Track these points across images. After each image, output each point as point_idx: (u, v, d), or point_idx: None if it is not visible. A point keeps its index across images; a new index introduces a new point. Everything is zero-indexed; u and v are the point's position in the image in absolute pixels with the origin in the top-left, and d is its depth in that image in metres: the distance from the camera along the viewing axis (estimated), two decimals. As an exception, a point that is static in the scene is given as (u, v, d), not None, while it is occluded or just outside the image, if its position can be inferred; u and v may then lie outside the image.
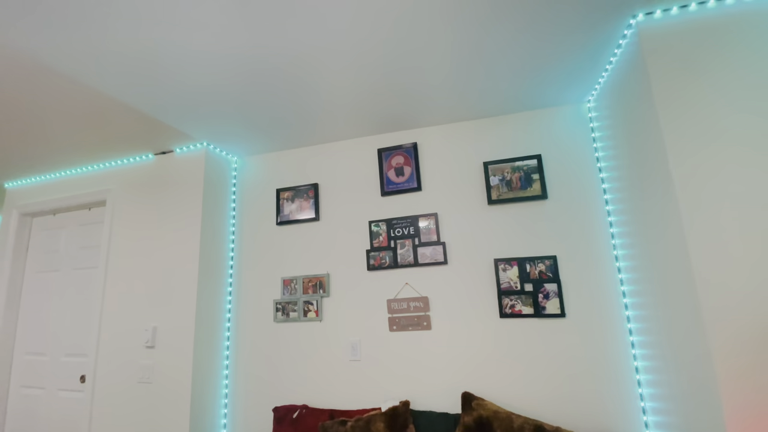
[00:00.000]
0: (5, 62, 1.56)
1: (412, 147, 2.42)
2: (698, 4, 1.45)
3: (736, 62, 1.39)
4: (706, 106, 1.39)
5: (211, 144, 2.53)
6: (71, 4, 1.30)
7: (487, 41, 1.61)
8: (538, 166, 2.16)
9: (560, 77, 1.91)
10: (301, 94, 1.96)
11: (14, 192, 3.09)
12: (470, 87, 1.97)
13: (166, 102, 1.96)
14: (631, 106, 1.66)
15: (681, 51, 1.45)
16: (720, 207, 1.33)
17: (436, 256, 2.22)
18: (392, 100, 2.07)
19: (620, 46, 1.67)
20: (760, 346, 1.23)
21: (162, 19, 1.39)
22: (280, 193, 2.63)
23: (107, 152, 2.57)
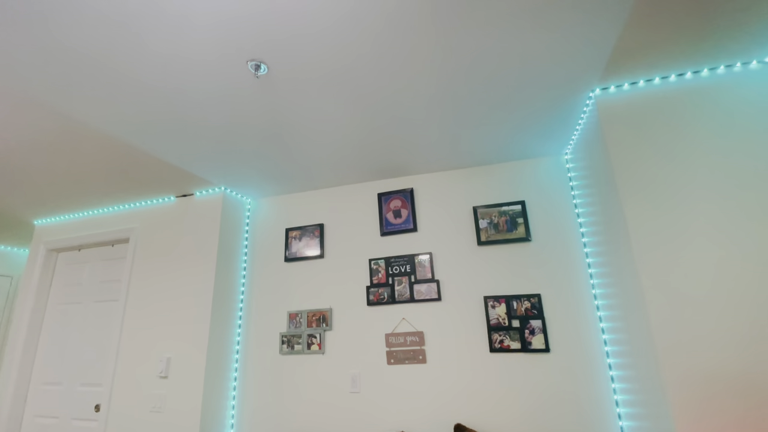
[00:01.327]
0: (44, 117, 1.79)
1: (408, 192, 2.67)
2: (645, 81, 1.73)
3: (682, 130, 1.64)
4: (657, 169, 1.63)
5: (229, 188, 2.80)
6: (101, 68, 1.60)
7: (474, 109, 1.89)
8: (522, 211, 2.39)
9: (538, 134, 2.18)
10: (309, 147, 2.24)
11: (42, 229, 3.35)
12: (459, 142, 2.24)
13: (192, 155, 2.24)
14: (596, 162, 1.90)
15: (632, 119, 1.71)
16: (670, 260, 1.53)
17: (431, 292, 2.40)
18: (390, 152, 2.34)
19: (585, 111, 1.95)
20: (707, 381, 1.39)
21: (188, 90, 1.69)
22: (289, 232, 2.86)
23: (133, 194, 2.85)
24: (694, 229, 1.53)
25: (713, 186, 1.55)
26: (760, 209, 1.48)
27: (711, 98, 1.64)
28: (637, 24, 1.40)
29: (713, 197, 1.54)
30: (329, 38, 1.40)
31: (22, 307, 3.07)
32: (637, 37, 1.47)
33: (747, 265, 1.46)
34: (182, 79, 1.57)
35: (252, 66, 1.48)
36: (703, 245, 1.51)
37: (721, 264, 1.48)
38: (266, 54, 1.45)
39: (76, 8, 1.22)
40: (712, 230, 1.51)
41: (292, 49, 1.44)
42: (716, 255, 1.49)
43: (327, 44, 1.42)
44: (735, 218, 1.50)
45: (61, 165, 2.33)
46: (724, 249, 1.49)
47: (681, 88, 1.68)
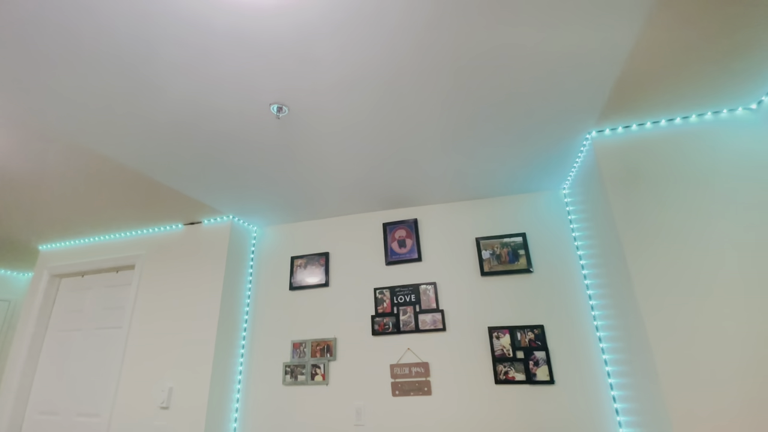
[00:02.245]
0: (61, 148, 1.86)
1: (413, 222, 2.75)
2: (638, 125, 1.86)
3: (673, 171, 1.75)
4: (652, 207, 1.73)
5: (236, 216, 2.87)
6: (125, 108, 1.69)
7: (477, 150, 2.00)
8: (523, 243, 2.47)
9: (538, 171, 2.29)
10: (319, 180, 2.33)
11: (47, 254, 3.37)
12: (462, 177, 2.34)
13: (205, 186, 2.32)
14: (594, 198, 2.00)
15: (627, 159, 1.82)
16: (672, 296, 1.60)
17: (436, 322, 2.43)
18: (396, 184, 2.43)
19: (582, 151, 2.06)
20: (712, 418, 1.43)
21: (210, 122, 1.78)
22: (294, 260, 2.91)
23: (142, 222, 2.89)
24: (692, 264, 1.61)
25: (704, 223, 1.64)
26: (749, 247, 1.57)
27: (699, 142, 1.76)
28: (629, 75, 1.53)
29: (704, 233, 1.63)
30: (346, 84, 1.51)
31: (22, 333, 3.04)
32: (629, 87, 1.59)
33: (749, 300, 1.52)
34: (205, 119, 1.67)
35: (275, 108, 1.58)
36: (698, 278, 1.58)
37: (724, 298, 1.55)
38: (288, 98, 1.56)
39: (108, 56, 1.32)
40: (708, 263, 1.59)
41: (312, 93, 1.55)
42: (714, 289, 1.56)
43: (343, 89, 1.53)
44: (728, 253, 1.58)
45: (73, 193, 2.37)
46: (719, 280, 1.56)
47: (671, 132, 1.81)
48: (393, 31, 1.27)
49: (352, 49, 1.34)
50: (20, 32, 1.21)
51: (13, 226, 2.89)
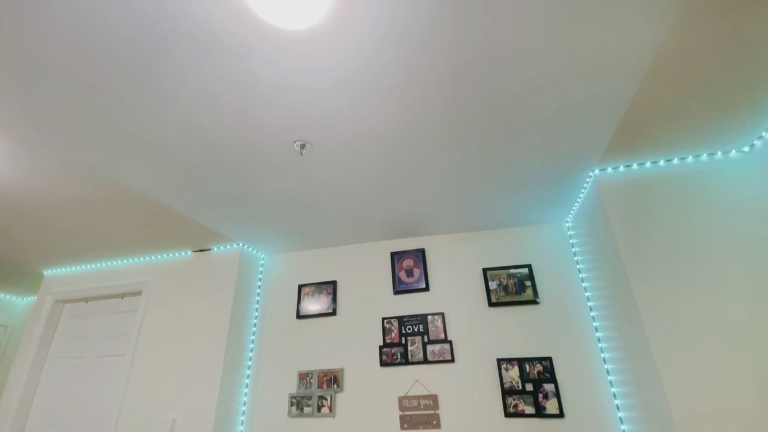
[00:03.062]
0: (77, 176, 1.90)
1: (420, 252, 2.80)
2: (638, 164, 1.97)
3: (673, 208, 1.84)
4: (655, 241, 1.80)
5: (246, 244, 2.91)
6: (149, 142, 1.77)
7: (484, 185, 2.10)
8: (529, 274, 2.52)
9: (542, 204, 2.38)
10: (330, 211, 2.40)
11: (51, 279, 3.36)
12: (469, 209, 2.42)
13: (218, 215, 2.37)
14: (598, 231, 2.08)
15: (629, 196, 1.91)
16: (679, 328, 1.65)
17: (444, 354, 2.44)
18: (404, 215, 2.51)
19: (585, 187, 2.16)
20: None
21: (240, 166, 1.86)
22: (302, 289, 2.93)
23: (151, 248, 2.92)
24: (696, 295, 1.67)
25: (705, 257, 1.72)
26: (747, 279, 1.64)
27: (697, 181, 1.86)
28: (630, 120, 1.64)
29: (706, 265, 1.70)
30: (368, 131, 1.61)
31: (21, 360, 2.99)
32: (630, 130, 1.71)
33: (751, 328, 1.57)
34: (226, 152, 1.75)
35: (298, 146, 1.67)
36: (706, 309, 1.64)
37: (732, 329, 1.60)
38: (312, 137, 1.65)
39: (131, 93, 1.41)
40: (711, 295, 1.65)
41: (335, 136, 1.64)
42: (722, 318, 1.61)
43: (365, 134, 1.63)
44: (729, 285, 1.65)
45: (83, 218, 2.39)
46: (723, 311, 1.61)
47: (671, 171, 1.91)
48: (417, 88, 1.38)
49: (381, 104, 1.45)
50: (44, 65, 1.30)
51: (19, 250, 2.90)
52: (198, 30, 1.14)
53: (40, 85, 1.32)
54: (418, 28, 1.18)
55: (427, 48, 1.24)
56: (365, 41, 1.21)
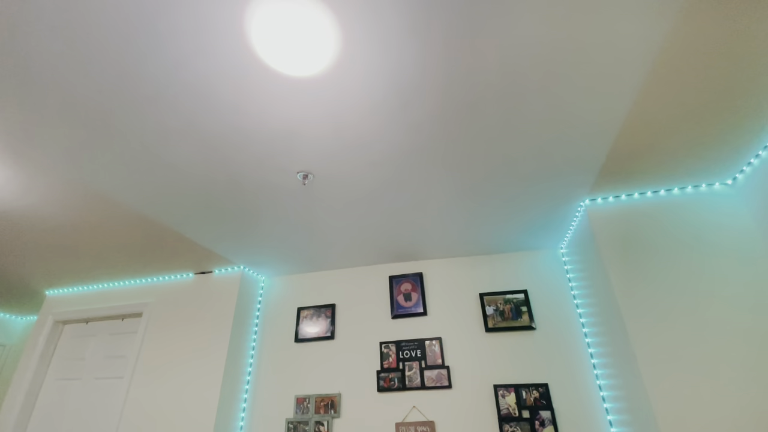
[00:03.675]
0: (84, 200, 1.99)
1: (418, 276, 2.85)
2: (627, 195, 2.05)
3: (660, 236, 1.91)
4: (644, 266, 1.86)
5: (247, 267, 2.96)
6: (157, 164, 1.85)
7: (480, 211, 2.17)
8: (525, 300, 2.56)
9: (537, 232, 2.45)
10: (329, 235, 2.47)
11: (53, 299, 3.39)
12: (466, 235, 2.49)
13: (221, 238, 2.44)
14: (590, 258, 2.14)
15: (618, 225, 1.99)
16: (664, 347, 1.69)
17: (441, 379, 2.45)
18: (403, 240, 2.57)
19: (577, 215, 2.24)
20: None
21: (245, 194, 1.95)
22: (301, 311, 2.96)
23: (153, 270, 2.97)
24: (686, 321, 1.71)
25: (693, 285, 1.77)
26: (734, 304, 1.69)
27: (683, 212, 1.94)
28: (616, 153, 1.73)
29: (694, 293, 1.75)
30: (369, 160, 1.70)
31: (19, 381, 2.99)
32: (617, 163, 1.80)
33: (741, 349, 1.61)
34: (232, 180, 1.83)
35: (300, 176, 1.75)
36: (693, 334, 1.68)
37: (718, 354, 1.63)
38: (315, 168, 1.74)
39: (147, 129, 1.51)
40: (701, 321, 1.69)
41: (337, 166, 1.73)
42: (708, 344, 1.65)
43: (366, 164, 1.72)
44: (716, 309, 1.70)
45: (88, 240, 2.44)
46: (711, 336, 1.65)
47: (658, 202, 1.99)
48: (412, 124, 1.48)
49: (379, 137, 1.55)
50: (46, 87, 1.40)
51: (23, 269, 2.94)
52: (208, 71, 1.24)
53: (43, 108, 1.42)
54: (411, 73, 1.28)
55: (421, 88, 1.35)
56: (364, 83, 1.31)
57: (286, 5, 1.00)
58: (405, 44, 1.17)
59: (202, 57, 1.18)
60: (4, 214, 2.09)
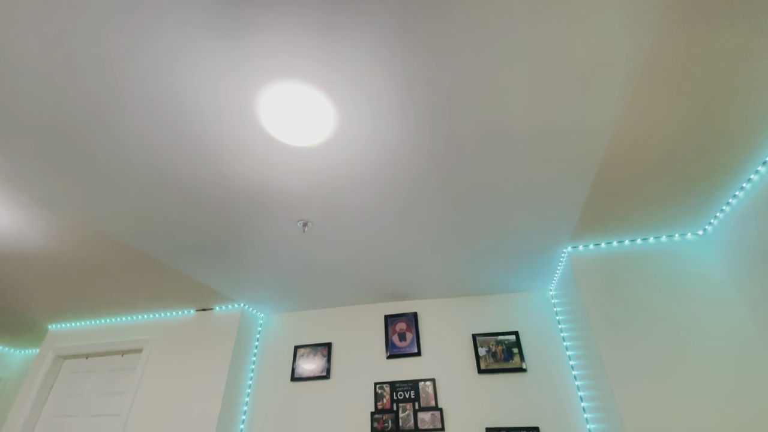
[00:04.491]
0: (76, 229, 2.06)
1: (413, 315, 2.93)
2: (606, 243, 2.18)
3: (636, 282, 2.02)
4: (622, 311, 1.96)
5: (247, 304, 3.05)
6: (168, 215, 2.00)
7: (469, 256, 2.30)
8: (517, 341, 2.63)
9: (525, 274, 2.57)
10: (327, 274, 2.58)
11: (55, 334, 3.45)
12: (458, 276, 2.61)
13: (223, 277, 2.56)
14: (574, 300, 2.24)
15: (598, 271, 2.10)
16: (643, 389, 1.76)
17: (435, 422, 2.48)
18: (397, 280, 2.68)
19: (561, 261, 2.36)
20: None
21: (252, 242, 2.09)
22: (297, 350, 3.01)
23: (155, 306, 3.06)
24: (665, 371, 1.79)
25: (666, 333, 1.86)
26: (705, 349, 1.77)
27: (658, 260, 2.06)
28: (591, 208, 1.88)
29: (670, 338, 1.84)
30: (364, 210, 1.85)
31: (15, 418, 3.00)
32: (593, 216, 1.94)
33: (713, 387, 1.67)
34: (235, 227, 1.98)
35: (300, 224, 1.91)
36: (670, 377, 1.75)
37: (694, 395, 1.69)
38: (315, 216, 1.89)
39: (159, 179, 1.68)
40: (675, 363, 1.77)
41: (335, 214, 1.89)
42: (684, 384, 1.72)
43: (361, 212, 1.88)
44: (689, 355, 1.77)
45: (93, 277, 2.54)
46: (687, 377, 1.72)
47: (634, 250, 2.12)
48: (405, 179, 1.65)
49: (374, 191, 1.71)
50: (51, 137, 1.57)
51: (28, 304, 3.02)
52: (220, 137, 1.43)
53: (47, 152, 1.59)
54: (398, 141, 1.46)
55: (408, 152, 1.52)
56: (358, 149, 1.49)
57: (290, 88, 1.19)
58: (392, 118, 1.36)
59: (218, 125, 1.36)
60: (13, 251, 2.21)
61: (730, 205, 1.88)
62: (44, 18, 1.03)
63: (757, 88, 1.30)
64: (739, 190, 1.79)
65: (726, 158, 1.61)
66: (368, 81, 1.21)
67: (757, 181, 1.70)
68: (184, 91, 1.22)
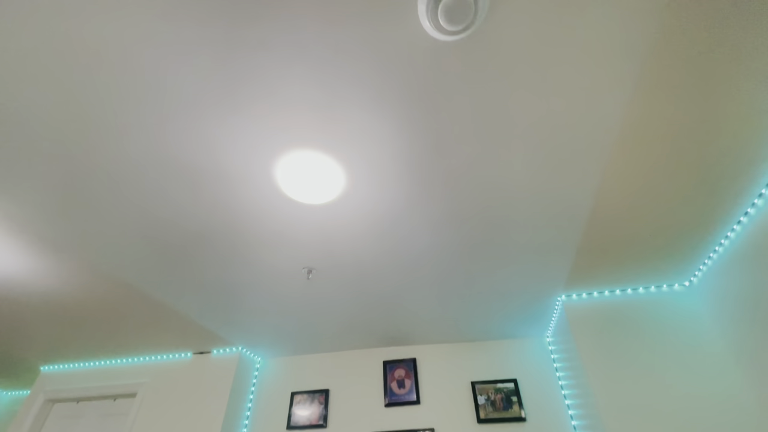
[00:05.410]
0: (75, 270, 2.14)
1: (412, 362, 2.93)
2: (598, 293, 2.27)
3: (627, 330, 2.08)
4: (614, 357, 2.01)
5: (245, 348, 3.05)
6: (177, 263, 2.08)
7: (466, 303, 2.37)
8: (515, 389, 2.63)
9: (523, 320, 2.62)
10: (326, 319, 2.62)
11: (47, 376, 3.38)
12: (456, 323, 2.65)
13: (224, 322, 2.59)
14: (570, 347, 2.28)
15: (591, 318, 2.18)
16: None
17: (433, 475, 2.42)
18: (395, 326, 2.72)
19: (556, 308, 2.43)
20: None
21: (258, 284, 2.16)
22: (294, 396, 2.97)
23: (151, 348, 3.03)
24: (659, 422, 1.81)
25: (658, 385, 1.90)
26: (694, 394, 1.80)
27: (647, 310, 2.14)
28: (582, 260, 1.99)
29: (659, 387, 1.87)
30: (364, 259, 1.95)
31: (-2, 468, 2.88)
32: (583, 268, 2.05)
33: None
34: (246, 274, 2.06)
35: (305, 271, 1.99)
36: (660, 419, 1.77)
37: None
38: (319, 264, 1.99)
39: (175, 237, 1.78)
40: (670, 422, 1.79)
41: (336, 261, 1.98)
42: None
43: (361, 261, 1.97)
44: (677, 406, 1.80)
45: (92, 318, 2.54)
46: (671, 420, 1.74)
47: (624, 300, 2.21)
48: (405, 233, 1.76)
49: (376, 243, 1.82)
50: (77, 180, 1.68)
51: (23, 345, 2.96)
52: (237, 194, 1.55)
53: (59, 197, 1.70)
54: (401, 199, 1.59)
55: (414, 209, 1.65)
56: (364, 207, 1.61)
57: (305, 155, 1.33)
58: (395, 183, 1.49)
59: (238, 183, 1.49)
60: (15, 292, 2.22)
61: (712, 258, 1.99)
62: (59, 74, 1.19)
63: (737, 148, 1.45)
64: (720, 245, 1.90)
65: (706, 218, 1.74)
66: (376, 152, 1.36)
67: (739, 232, 1.78)
68: (203, 153, 1.36)
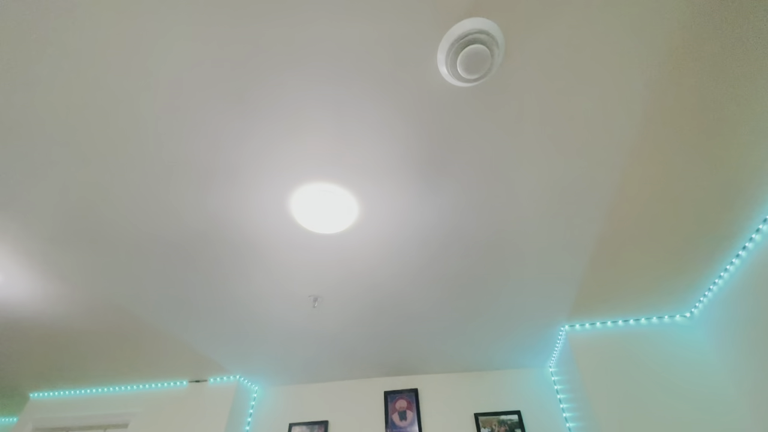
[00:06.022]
0: (69, 296, 2.15)
1: (413, 392, 2.88)
2: (601, 323, 2.28)
3: (629, 359, 2.09)
4: (618, 387, 2.00)
5: (242, 376, 2.98)
6: (181, 295, 2.07)
7: (470, 333, 2.37)
8: (519, 422, 2.58)
9: (526, 350, 2.61)
10: (328, 348, 2.59)
11: (36, 403, 3.26)
12: (460, 353, 2.63)
13: (221, 348, 2.55)
14: (573, 377, 2.27)
15: (594, 348, 2.19)
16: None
17: None
18: (397, 356, 2.69)
19: (559, 339, 2.43)
20: None
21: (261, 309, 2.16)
22: (293, 428, 2.89)
23: (146, 376, 2.95)
24: None
25: (661, 416, 1.89)
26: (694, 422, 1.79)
27: (649, 340, 2.16)
28: (586, 291, 2.02)
29: (662, 424, 1.86)
30: (367, 288, 1.97)
31: (-24, 505, 2.73)
32: (586, 300, 2.07)
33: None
34: (249, 301, 2.06)
35: (312, 299, 2.00)
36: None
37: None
38: (322, 290, 1.99)
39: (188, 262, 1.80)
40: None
41: (343, 286, 1.99)
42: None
43: (366, 290, 1.99)
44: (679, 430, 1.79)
45: (84, 343, 2.48)
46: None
47: (626, 330, 2.23)
48: (412, 264, 1.79)
49: (381, 273, 1.85)
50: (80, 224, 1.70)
51: (14, 370, 2.87)
52: (254, 223, 1.58)
53: (68, 230, 1.71)
54: (410, 231, 1.63)
55: (419, 241, 1.68)
56: (374, 238, 1.65)
57: (319, 187, 1.37)
58: (406, 218, 1.54)
59: (257, 214, 1.53)
60: (13, 319, 2.19)
61: (712, 290, 2.03)
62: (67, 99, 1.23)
63: (736, 188, 1.52)
64: (719, 277, 1.94)
65: (707, 252, 1.78)
66: (387, 187, 1.41)
67: (738, 265, 1.82)
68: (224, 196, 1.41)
